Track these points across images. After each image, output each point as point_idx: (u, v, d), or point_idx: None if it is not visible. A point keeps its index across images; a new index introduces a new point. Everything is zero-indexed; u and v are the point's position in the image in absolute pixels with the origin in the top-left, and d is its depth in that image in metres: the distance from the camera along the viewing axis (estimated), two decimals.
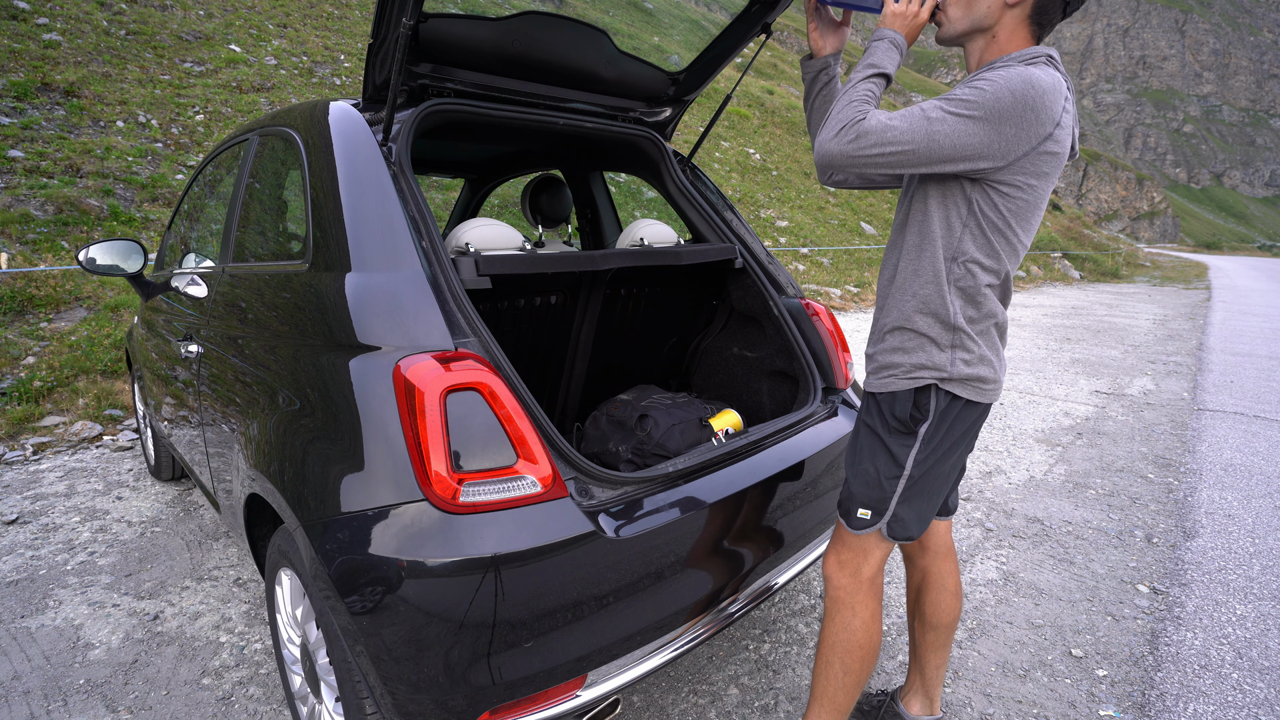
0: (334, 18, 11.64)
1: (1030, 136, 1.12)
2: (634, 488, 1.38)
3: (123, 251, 2.62)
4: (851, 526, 1.37)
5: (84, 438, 3.65)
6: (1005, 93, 1.09)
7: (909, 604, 1.66)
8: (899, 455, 1.30)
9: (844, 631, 1.39)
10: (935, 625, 1.59)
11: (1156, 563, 2.58)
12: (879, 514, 1.33)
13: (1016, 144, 1.12)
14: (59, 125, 6.56)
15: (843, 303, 9.39)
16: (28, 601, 2.21)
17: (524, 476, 1.21)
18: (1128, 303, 12.40)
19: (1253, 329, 8.93)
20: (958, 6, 1.23)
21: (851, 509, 1.37)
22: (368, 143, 1.51)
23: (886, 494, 1.32)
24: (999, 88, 1.10)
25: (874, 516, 1.34)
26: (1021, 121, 1.10)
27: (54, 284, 4.84)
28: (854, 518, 1.36)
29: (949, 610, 1.58)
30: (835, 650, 1.40)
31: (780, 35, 60.21)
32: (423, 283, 1.31)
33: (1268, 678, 1.91)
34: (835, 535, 1.45)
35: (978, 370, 1.26)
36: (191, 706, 1.76)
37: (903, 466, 1.30)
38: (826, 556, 1.45)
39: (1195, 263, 34.60)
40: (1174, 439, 4.11)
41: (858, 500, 1.36)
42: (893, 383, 1.31)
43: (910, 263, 1.29)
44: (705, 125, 2.24)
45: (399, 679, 1.15)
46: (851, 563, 1.40)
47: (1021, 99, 1.09)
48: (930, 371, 1.26)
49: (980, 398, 1.28)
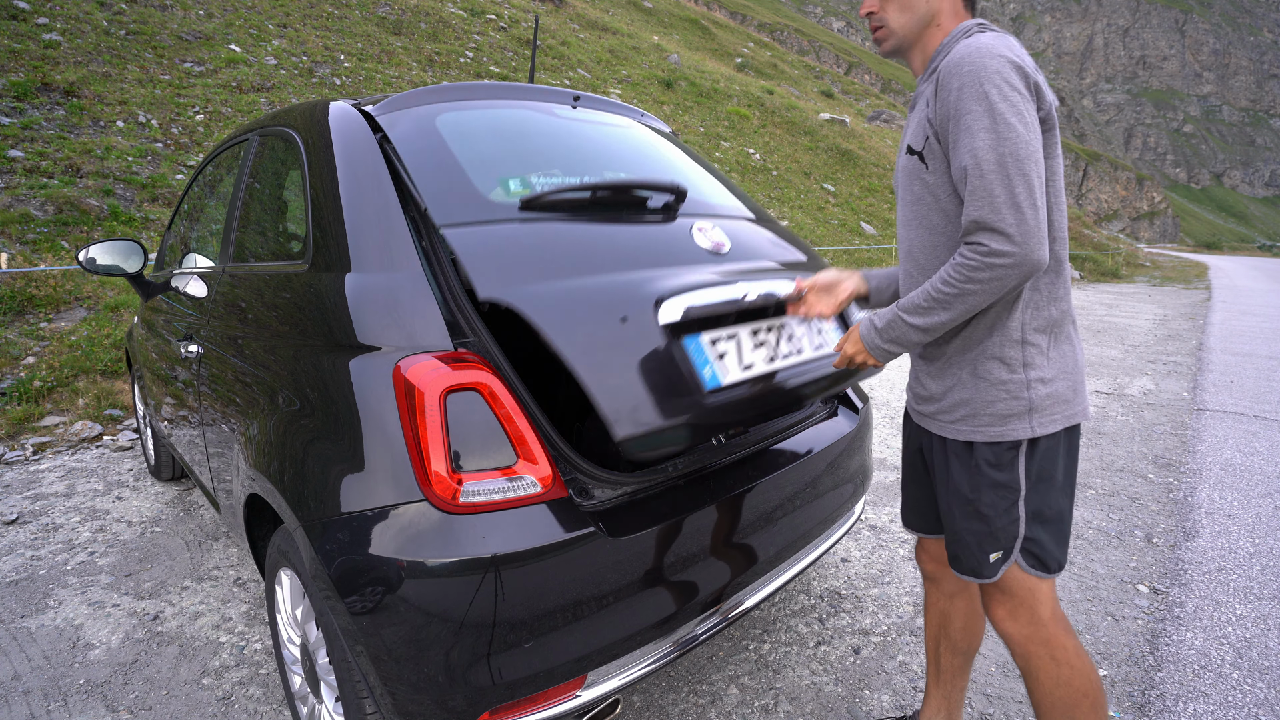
0: (334, 18, 11.64)
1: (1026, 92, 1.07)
2: (634, 488, 1.38)
3: (123, 251, 2.62)
4: (986, 576, 1.24)
5: (84, 438, 3.65)
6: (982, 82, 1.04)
7: (933, 627, 1.56)
8: (1006, 480, 1.18)
9: (1060, 688, 1.23)
10: (965, 650, 1.54)
11: (1156, 563, 2.58)
12: (1009, 551, 1.21)
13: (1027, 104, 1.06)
14: (59, 125, 6.56)
15: None
16: (28, 601, 2.21)
17: (524, 477, 1.21)
18: (1127, 303, 12.41)
19: (1253, 329, 8.93)
20: (898, 12, 1.21)
21: (974, 560, 1.24)
22: (368, 143, 1.51)
23: (1011, 521, 1.20)
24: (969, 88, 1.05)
25: (1003, 555, 1.22)
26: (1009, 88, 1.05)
27: (54, 284, 4.84)
28: (986, 566, 1.23)
29: (979, 634, 1.53)
30: (1058, 712, 1.24)
31: (780, 35, 60.24)
32: (423, 283, 1.31)
33: (1268, 678, 1.91)
34: (989, 590, 1.29)
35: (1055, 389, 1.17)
36: (191, 706, 1.76)
37: (1015, 487, 1.19)
38: (993, 613, 1.29)
39: (1195, 263, 34.62)
40: (1174, 439, 4.11)
41: (974, 548, 1.23)
42: (969, 432, 1.21)
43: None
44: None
45: (399, 679, 1.15)
46: (1024, 609, 1.24)
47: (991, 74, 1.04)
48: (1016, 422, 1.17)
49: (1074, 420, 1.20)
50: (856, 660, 1.97)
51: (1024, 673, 1.28)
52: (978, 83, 1.05)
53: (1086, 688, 1.23)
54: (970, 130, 1.06)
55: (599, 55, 16.76)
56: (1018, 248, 1.02)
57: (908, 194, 1.26)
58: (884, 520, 2.89)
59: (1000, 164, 1.03)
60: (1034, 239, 1.02)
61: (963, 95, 1.06)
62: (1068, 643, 1.24)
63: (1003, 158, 1.03)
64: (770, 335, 1.57)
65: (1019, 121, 1.04)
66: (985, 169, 1.03)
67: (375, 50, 11.10)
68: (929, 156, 1.18)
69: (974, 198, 1.05)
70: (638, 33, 21.41)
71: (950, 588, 1.52)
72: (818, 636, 2.08)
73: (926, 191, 1.21)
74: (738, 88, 19.21)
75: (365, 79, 9.99)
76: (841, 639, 2.07)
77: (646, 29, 24.10)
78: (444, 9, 14.25)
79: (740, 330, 1.51)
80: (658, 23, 26.88)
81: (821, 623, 2.15)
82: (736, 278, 1.54)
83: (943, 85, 1.10)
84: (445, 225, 1.32)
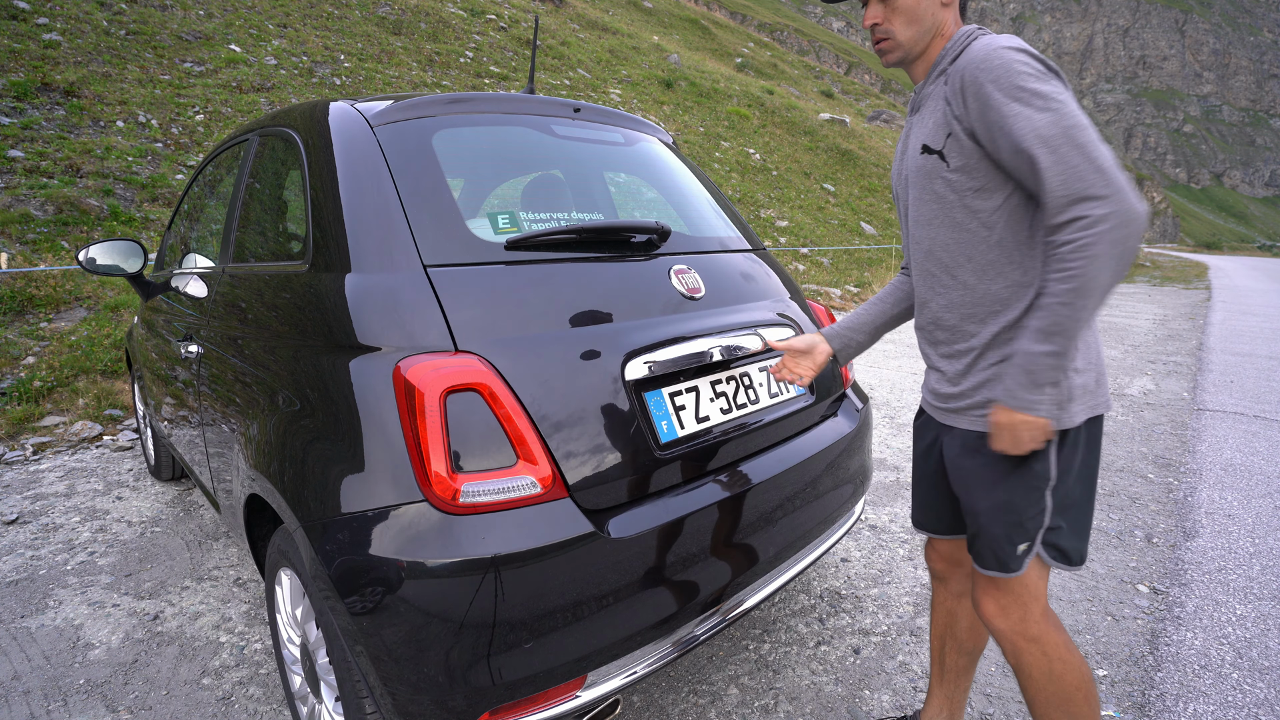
0: (334, 18, 11.65)
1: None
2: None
3: (123, 251, 2.62)
4: (1013, 569, 1.23)
5: (84, 438, 3.65)
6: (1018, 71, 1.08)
7: (938, 627, 1.56)
8: (1032, 464, 1.18)
9: (1053, 683, 1.24)
10: (971, 650, 1.53)
11: (1156, 563, 2.58)
12: (1034, 542, 1.22)
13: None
14: (59, 125, 6.56)
15: (843, 303, 9.39)
16: (28, 601, 2.21)
17: (524, 477, 1.21)
18: (1127, 302, 12.40)
19: (1253, 329, 8.93)
20: (905, 26, 1.22)
21: (1002, 553, 1.23)
22: (368, 143, 1.51)
23: (1038, 511, 1.20)
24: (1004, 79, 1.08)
25: (1029, 546, 1.22)
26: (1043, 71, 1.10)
27: (54, 284, 4.84)
28: (1013, 559, 1.22)
29: (985, 634, 1.52)
30: (1053, 707, 1.25)
31: (780, 35, 60.24)
32: (423, 283, 1.31)
33: (1268, 678, 1.91)
34: (983, 585, 1.30)
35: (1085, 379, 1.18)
36: (191, 706, 1.76)
37: (1046, 476, 1.19)
38: (983, 608, 1.30)
39: (1195, 262, 34.60)
40: (1174, 439, 4.11)
41: (1004, 540, 1.22)
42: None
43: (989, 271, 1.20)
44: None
45: (399, 679, 1.15)
46: (1016, 606, 1.25)
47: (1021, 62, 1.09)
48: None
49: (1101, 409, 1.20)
50: (856, 660, 1.97)
51: (1015, 669, 1.28)
52: (1013, 73, 1.07)
53: (1079, 681, 1.24)
54: (1021, 116, 1.06)
55: (599, 55, 16.76)
56: (1117, 205, 1.00)
57: (925, 194, 1.26)
58: (884, 520, 2.89)
59: (1068, 135, 1.03)
60: (1127, 192, 1.01)
61: (1000, 87, 1.08)
62: (1057, 638, 1.25)
63: (1067, 130, 1.03)
64: (729, 385, 1.63)
65: (1064, 97, 1.06)
66: (1055, 144, 1.03)
67: (375, 50, 11.10)
68: (952, 154, 1.18)
69: (1053, 175, 1.03)
70: (638, 33, 21.41)
71: (959, 587, 1.51)
72: (818, 636, 2.08)
73: (949, 189, 1.21)
74: (738, 88, 19.21)
75: (365, 79, 9.99)
76: (841, 639, 2.07)
77: (646, 29, 24.11)
78: (444, 9, 14.25)
79: (700, 382, 1.56)
80: (658, 23, 26.88)
81: (821, 623, 2.15)
82: (705, 330, 1.61)
83: (970, 82, 1.11)
84: (433, 265, 1.34)
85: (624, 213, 2.27)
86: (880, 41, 1.25)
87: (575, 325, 1.41)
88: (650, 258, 1.66)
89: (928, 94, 1.25)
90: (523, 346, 1.31)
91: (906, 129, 1.35)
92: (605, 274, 1.55)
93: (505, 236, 1.48)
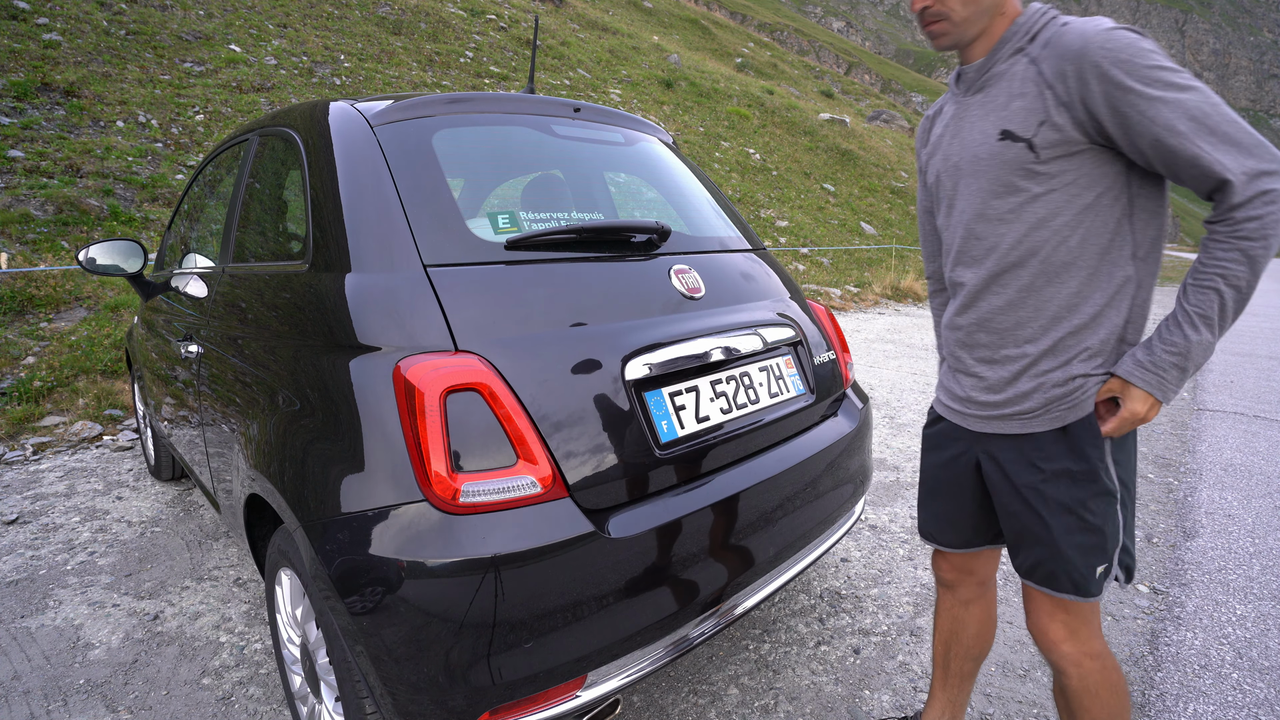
0: (334, 18, 11.65)
1: None
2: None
3: (123, 251, 2.62)
4: (1093, 594, 1.18)
5: (84, 438, 3.65)
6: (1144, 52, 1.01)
7: (943, 632, 1.53)
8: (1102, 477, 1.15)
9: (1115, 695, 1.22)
10: (977, 655, 1.52)
11: (1156, 563, 2.58)
12: (1110, 562, 1.18)
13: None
14: (59, 125, 6.56)
15: (842, 303, 9.39)
16: (28, 601, 2.21)
17: (524, 477, 1.21)
18: None
19: (1253, 329, 8.93)
20: (963, 5, 1.13)
21: (1079, 577, 1.17)
22: (368, 143, 1.51)
23: (1115, 530, 1.16)
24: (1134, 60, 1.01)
25: (1107, 568, 1.18)
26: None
27: (54, 284, 4.84)
28: (1092, 583, 1.17)
29: (991, 640, 1.52)
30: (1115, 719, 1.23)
31: (780, 35, 60.23)
32: (423, 283, 1.31)
33: (1268, 678, 1.91)
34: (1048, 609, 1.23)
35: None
36: (191, 706, 1.76)
37: (1114, 491, 1.15)
38: (1050, 632, 1.23)
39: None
40: (1174, 439, 4.11)
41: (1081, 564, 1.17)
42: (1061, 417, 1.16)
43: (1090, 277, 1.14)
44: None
45: (399, 679, 1.15)
46: (1085, 626, 1.20)
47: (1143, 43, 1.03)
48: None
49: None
50: (856, 660, 1.97)
51: (1079, 692, 1.22)
52: (1143, 54, 1.00)
53: (1128, 695, 1.23)
54: (1166, 100, 0.99)
55: (599, 55, 16.76)
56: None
57: (996, 185, 1.15)
58: (884, 520, 2.89)
59: (1220, 113, 0.99)
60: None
61: (1131, 70, 1.00)
62: (1112, 655, 1.23)
63: (1217, 106, 0.99)
64: (729, 385, 1.62)
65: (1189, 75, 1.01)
66: (1214, 122, 0.98)
67: (375, 50, 11.10)
68: (1044, 143, 1.09)
69: (1222, 151, 0.98)
70: (638, 33, 21.41)
71: (967, 595, 1.49)
72: (818, 636, 2.08)
73: (1033, 182, 1.11)
74: (738, 88, 19.21)
75: (365, 79, 9.99)
76: (841, 639, 2.07)
77: (646, 29, 24.10)
78: (444, 9, 14.25)
79: (701, 382, 1.56)
80: (658, 23, 26.88)
81: (821, 623, 2.15)
82: (705, 330, 1.61)
83: (1091, 66, 1.02)
84: (433, 265, 1.34)
85: (624, 213, 2.27)
86: (932, 23, 1.16)
87: (575, 325, 1.41)
88: (650, 257, 1.66)
89: (997, 73, 1.15)
90: (523, 346, 1.31)
91: (956, 112, 1.24)
92: (605, 274, 1.54)
93: (505, 236, 1.48)
